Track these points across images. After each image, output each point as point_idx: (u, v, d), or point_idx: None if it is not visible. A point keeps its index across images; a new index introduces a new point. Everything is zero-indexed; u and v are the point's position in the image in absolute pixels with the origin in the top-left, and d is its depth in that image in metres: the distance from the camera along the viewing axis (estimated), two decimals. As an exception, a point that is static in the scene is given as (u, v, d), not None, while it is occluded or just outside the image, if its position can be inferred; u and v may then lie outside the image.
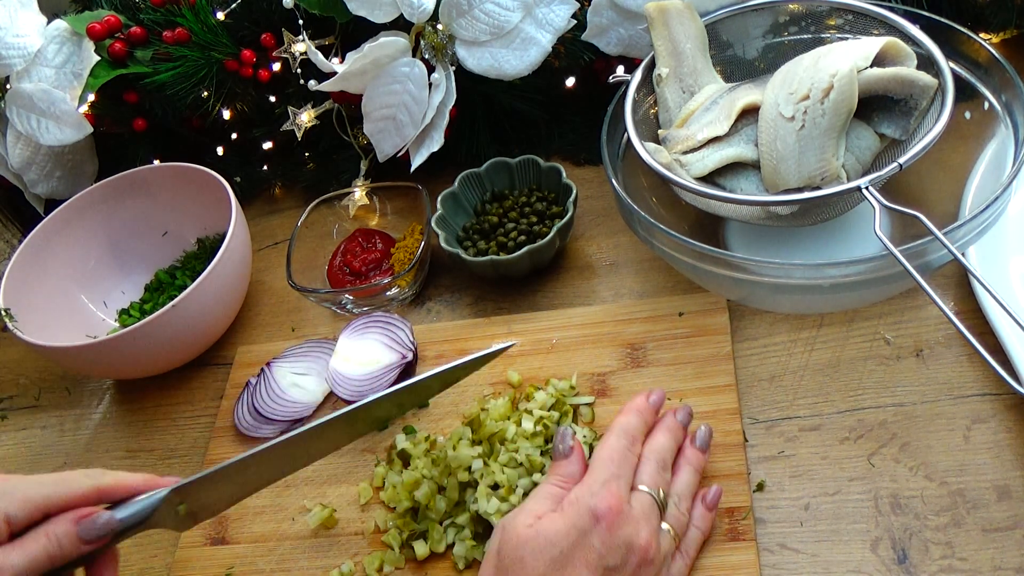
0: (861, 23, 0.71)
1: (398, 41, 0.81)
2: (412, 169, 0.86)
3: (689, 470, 0.59)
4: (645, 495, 0.55)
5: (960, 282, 0.68)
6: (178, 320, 0.76)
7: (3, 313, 0.80)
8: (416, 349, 0.74)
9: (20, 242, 0.86)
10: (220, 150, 1.00)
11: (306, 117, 0.90)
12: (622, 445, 0.57)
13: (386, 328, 0.74)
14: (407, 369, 0.72)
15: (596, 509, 0.53)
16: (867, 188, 0.60)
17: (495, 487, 0.63)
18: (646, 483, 0.56)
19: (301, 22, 0.87)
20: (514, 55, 0.80)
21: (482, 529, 0.63)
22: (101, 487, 0.55)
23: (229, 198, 0.82)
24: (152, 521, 0.56)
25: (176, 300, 0.75)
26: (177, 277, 0.91)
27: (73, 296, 0.89)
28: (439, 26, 0.81)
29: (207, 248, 0.93)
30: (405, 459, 0.69)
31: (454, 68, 0.83)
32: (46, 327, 0.82)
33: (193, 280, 0.78)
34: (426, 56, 0.83)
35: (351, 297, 0.80)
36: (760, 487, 0.62)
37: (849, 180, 0.63)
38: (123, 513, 0.55)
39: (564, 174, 0.80)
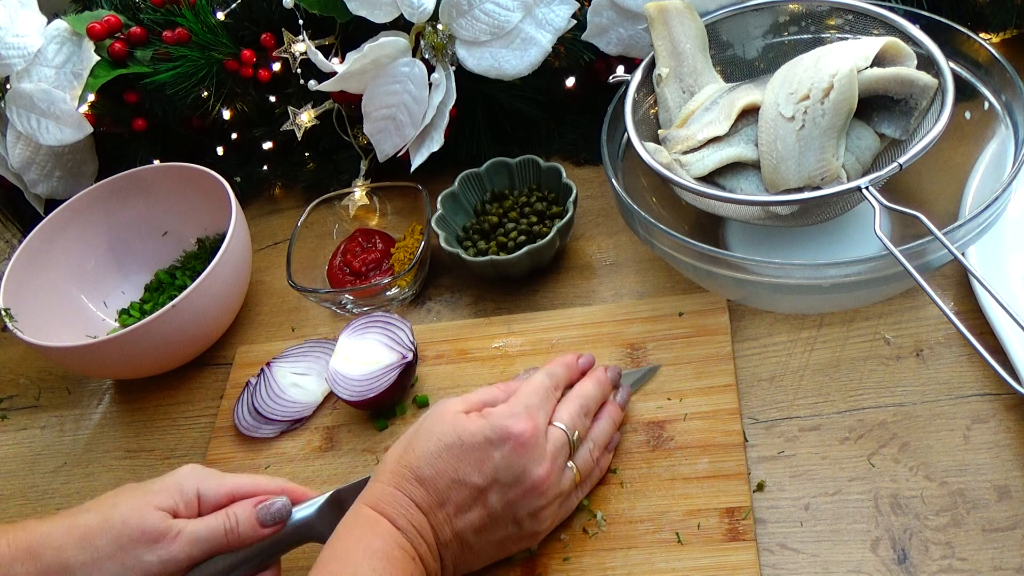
0: (861, 23, 0.71)
1: (398, 41, 0.81)
2: (412, 169, 0.86)
3: (609, 421, 0.64)
4: (560, 432, 0.59)
5: (960, 282, 0.68)
6: (178, 320, 0.76)
7: (3, 313, 0.80)
8: (416, 349, 0.74)
9: (20, 242, 0.86)
10: (220, 150, 1.00)
11: (306, 117, 0.90)
12: (547, 384, 0.61)
13: (386, 328, 0.74)
14: (407, 369, 0.72)
15: (511, 428, 0.56)
16: (867, 188, 0.60)
17: None
18: (564, 421, 0.60)
19: (301, 22, 0.87)
20: (514, 55, 0.80)
21: None
22: (286, 488, 0.61)
23: (229, 198, 0.82)
24: (314, 524, 0.60)
25: (176, 300, 0.75)
26: (177, 277, 0.91)
27: (73, 296, 0.89)
28: (439, 26, 0.81)
29: (207, 248, 0.93)
30: None
31: (454, 68, 0.83)
32: (46, 327, 0.82)
33: (193, 280, 0.78)
34: (426, 56, 0.83)
35: (351, 297, 0.80)
36: (760, 487, 0.62)
37: (849, 180, 0.63)
38: (297, 508, 0.59)
39: (564, 174, 0.80)
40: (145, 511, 0.56)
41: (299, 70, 0.89)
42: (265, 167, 1.00)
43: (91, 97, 0.90)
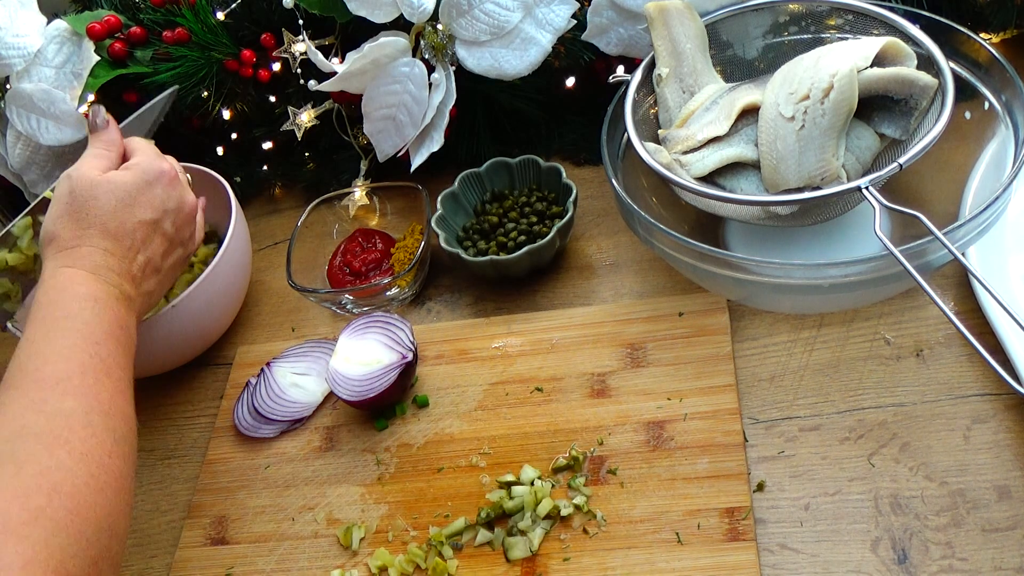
0: (861, 23, 0.71)
1: (398, 41, 0.81)
2: (412, 169, 0.86)
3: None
4: (181, 172, 0.72)
5: (960, 282, 0.68)
6: (178, 320, 0.76)
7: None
8: (416, 349, 0.74)
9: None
10: (220, 150, 1.00)
11: (306, 117, 0.90)
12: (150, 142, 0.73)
13: (386, 328, 0.74)
14: (407, 369, 0.72)
15: (160, 168, 0.68)
16: (867, 188, 0.60)
17: None
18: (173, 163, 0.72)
19: (301, 22, 0.87)
20: (514, 55, 0.80)
21: None
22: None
23: (229, 198, 0.82)
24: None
25: (176, 300, 0.75)
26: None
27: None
28: (439, 26, 0.81)
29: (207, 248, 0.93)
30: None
31: (454, 68, 0.83)
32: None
33: (193, 280, 0.78)
34: (426, 56, 0.83)
35: (351, 297, 0.80)
36: (760, 487, 0.62)
37: (849, 180, 0.63)
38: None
39: (564, 174, 0.80)
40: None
41: (299, 70, 0.89)
42: (265, 167, 1.00)
43: (91, 97, 0.90)
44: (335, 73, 0.81)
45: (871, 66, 0.63)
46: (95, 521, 0.49)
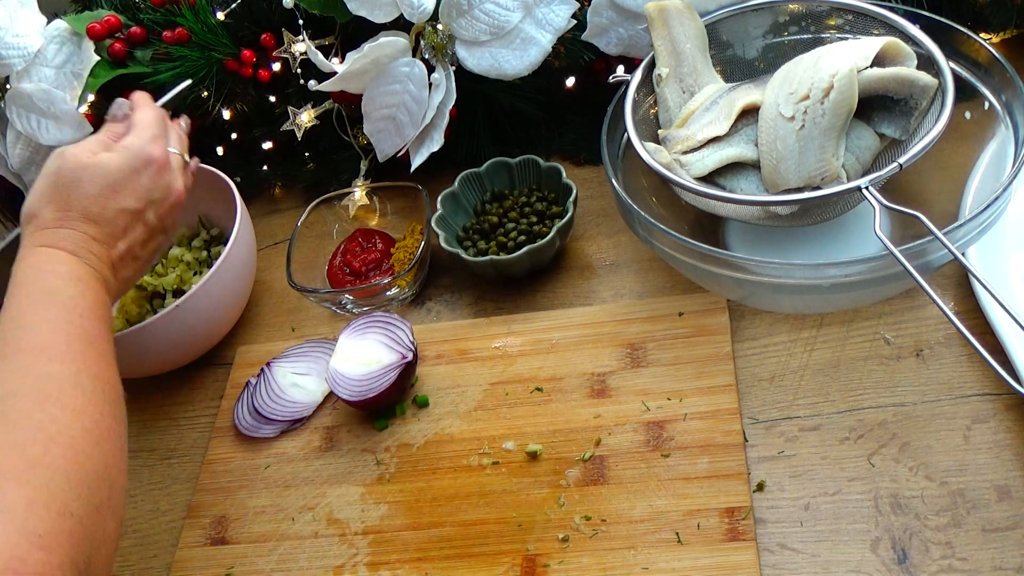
0: (861, 23, 0.71)
1: (398, 41, 0.81)
2: (412, 169, 0.86)
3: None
4: (176, 155, 0.69)
5: (960, 282, 0.68)
6: (184, 319, 0.76)
7: None
8: (416, 349, 0.74)
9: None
10: (220, 150, 1.00)
11: (306, 117, 0.90)
12: (161, 115, 0.70)
13: (386, 328, 0.74)
14: (407, 369, 0.72)
15: (150, 155, 0.66)
16: (867, 188, 0.60)
17: None
18: (176, 146, 0.70)
19: (301, 22, 0.87)
20: (514, 55, 0.80)
21: None
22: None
23: (234, 196, 0.82)
24: None
25: (180, 300, 0.75)
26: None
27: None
28: (439, 26, 0.81)
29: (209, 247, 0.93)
30: None
31: (454, 68, 0.83)
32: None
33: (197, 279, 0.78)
34: (426, 56, 0.83)
35: (351, 297, 0.80)
36: (760, 487, 0.62)
37: (849, 180, 0.63)
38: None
39: (564, 174, 0.80)
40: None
41: (299, 70, 0.89)
42: (265, 167, 1.00)
43: (91, 97, 0.90)
44: (335, 73, 0.81)
45: (871, 66, 0.63)
46: (94, 471, 0.49)
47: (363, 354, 0.73)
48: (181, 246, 0.91)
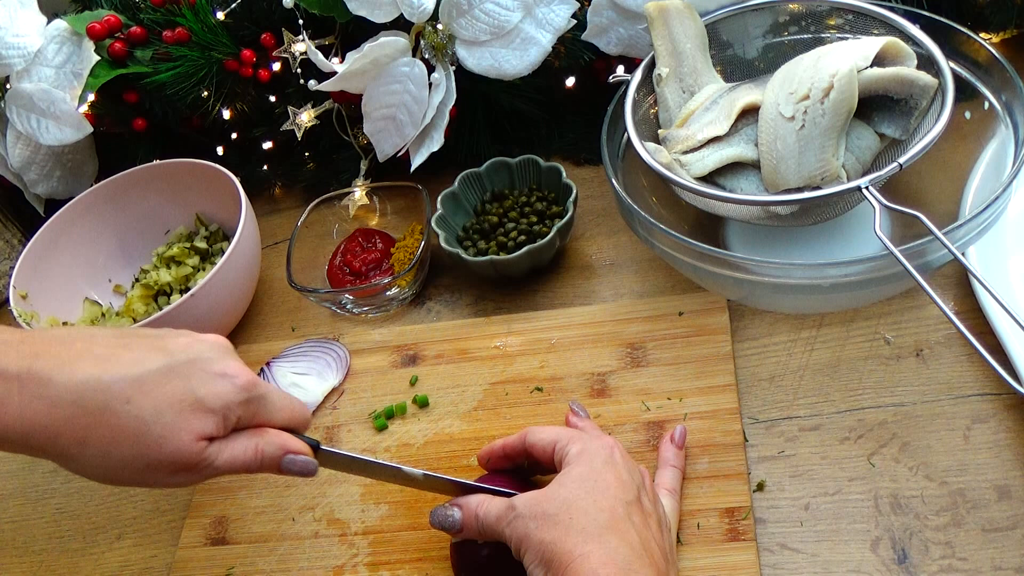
0: (861, 23, 0.71)
1: (398, 41, 0.81)
2: (412, 169, 0.86)
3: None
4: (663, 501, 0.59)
5: (960, 282, 0.68)
6: (189, 317, 0.76)
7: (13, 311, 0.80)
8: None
9: (24, 241, 0.86)
10: (220, 150, 1.00)
11: (306, 117, 0.90)
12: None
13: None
14: None
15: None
16: (867, 188, 0.60)
17: None
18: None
19: (301, 22, 0.87)
20: (514, 55, 0.80)
21: None
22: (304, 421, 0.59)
23: (239, 193, 0.81)
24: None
25: (183, 299, 0.75)
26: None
27: (82, 292, 0.89)
28: (439, 26, 0.81)
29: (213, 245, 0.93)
30: None
31: (454, 68, 0.83)
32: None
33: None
34: (426, 56, 0.83)
35: (351, 297, 0.81)
36: (760, 487, 0.62)
37: (849, 180, 0.63)
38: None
39: (564, 174, 0.80)
40: (184, 439, 0.51)
41: (299, 70, 0.89)
42: (265, 167, 1.00)
43: (91, 97, 0.90)
44: (335, 73, 0.81)
45: (871, 66, 0.63)
46: None
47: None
48: (182, 243, 0.91)
